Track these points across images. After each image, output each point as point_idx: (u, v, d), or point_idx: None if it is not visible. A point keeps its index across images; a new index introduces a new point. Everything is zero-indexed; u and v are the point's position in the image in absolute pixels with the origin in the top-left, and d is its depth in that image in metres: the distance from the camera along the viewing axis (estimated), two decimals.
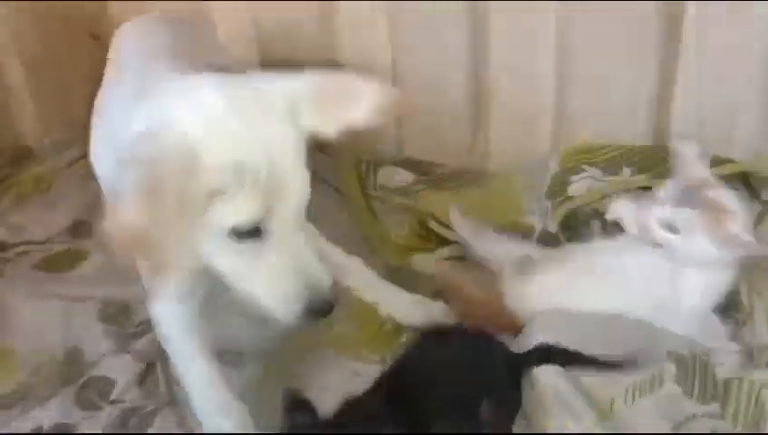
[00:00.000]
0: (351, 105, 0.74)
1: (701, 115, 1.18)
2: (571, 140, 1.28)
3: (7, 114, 1.52)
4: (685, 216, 0.81)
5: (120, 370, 0.95)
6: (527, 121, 1.32)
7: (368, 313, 1.08)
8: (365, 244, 1.27)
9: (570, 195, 1.20)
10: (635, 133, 1.26)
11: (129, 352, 0.98)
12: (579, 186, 1.21)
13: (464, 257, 1.18)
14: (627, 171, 1.22)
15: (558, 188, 1.22)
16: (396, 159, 1.45)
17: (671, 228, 0.82)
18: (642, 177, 1.21)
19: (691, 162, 0.86)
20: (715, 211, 0.80)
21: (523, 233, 1.23)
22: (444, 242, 1.23)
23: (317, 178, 1.39)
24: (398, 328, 1.03)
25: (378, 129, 1.43)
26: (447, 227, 1.25)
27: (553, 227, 1.17)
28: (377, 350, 1.00)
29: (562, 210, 1.18)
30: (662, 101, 1.20)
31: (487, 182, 1.37)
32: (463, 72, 1.32)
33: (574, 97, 1.25)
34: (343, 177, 1.43)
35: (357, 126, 0.75)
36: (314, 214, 1.34)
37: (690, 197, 0.82)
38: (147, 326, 1.04)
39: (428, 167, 1.42)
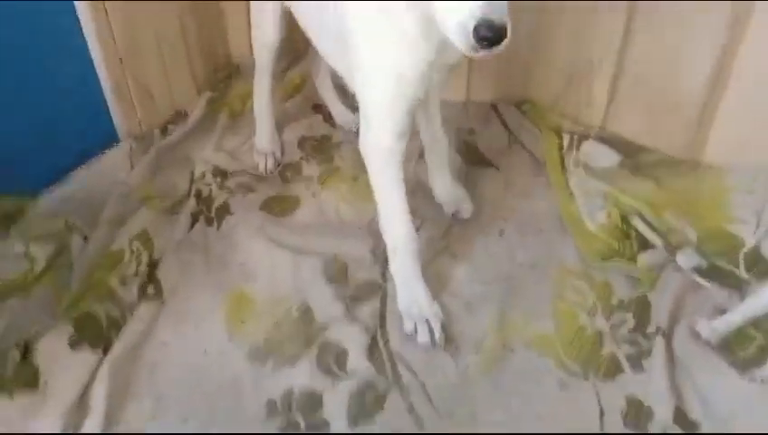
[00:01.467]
0: None
1: None
2: None
3: (222, 31, 1.57)
4: None
5: (349, 339, 1.06)
6: (764, 120, 1.23)
7: (565, 312, 1.13)
8: (560, 222, 1.30)
9: None
10: None
11: (356, 321, 1.09)
12: None
13: (665, 265, 1.19)
14: None
15: None
16: (602, 134, 1.41)
17: None
18: None
19: None
20: None
21: (730, 244, 1.21)
22: (644, 244, 1.22)
23: (516, 141, 1.46)
24: (597, 336, 1.08)
25: (586, 97, 1.43)
26: (652, 227, 1.24)
27: None
28: (578, 358, 1.05)
29: None
30: None
31: (697, 175, 1.32)
32: (707, 53, 1.22)
33: None
34: (545, 146, 1.42)
35: None
36: (506, 173, 1.44)
37: None
38: (366, 290, 1.16)
39: (636, 150, 1.38)
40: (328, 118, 1.52)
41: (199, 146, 1.43)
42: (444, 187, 1.31)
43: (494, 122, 1.48)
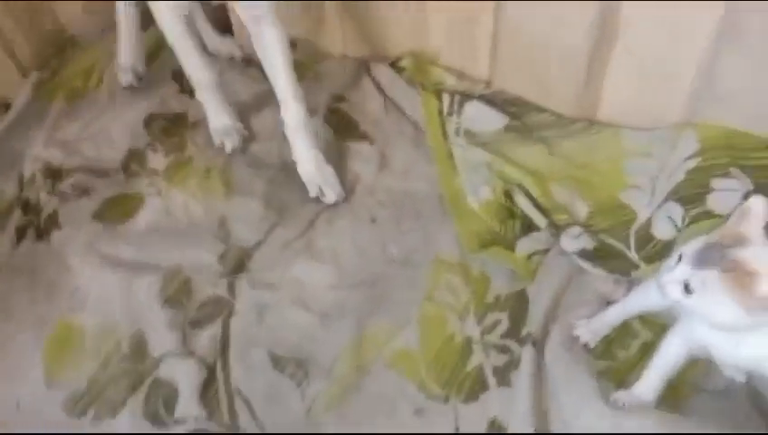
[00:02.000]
0: None
1: None
2: (712, 116, 1.03)
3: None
4: (701, 276, 0.68)
5: (182, 376, 0.93)
6: (659, 78, 1.05)
7: (433, 318, 1.00)
8: (440, 202, 1.15)
9: (709, 210, 0.96)
10: None
11: (193, 353, 0.96)
12: (721, 199, 0.97)
13: (548, 250, 1.05)
14: None
15: (695, 193, 0.99)
16: (486, 93, 1.23)
17: (687, 289, 0.70)
18: None
19: (752, 220, 0.68)
20: (741, 272, 0.66)
21: (622, 219, 1.07)
22: (529, 224, 1.08)
23: (394, 107, 1.28)
24: (466, 345, 0.97)
25: (470, 50, 1.24)
26: (536, 204, 1.10)
27: (681, 243, 0.86)
28: (440, 377, 0.94)
29: (699, 229, 0.94)
30: None
31: (591, 137, 1.16)
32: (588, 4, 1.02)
33: (735, 65, 0.97)
34: (424, 110, 1.24)
35: None
36: (382, 147, 1.27)
37: (712, 256, 0.68)
38: (209, 310, 1.03)
39: (524, 109, 1.20)
40: (186, 87, 1.32)
41: (27, 141, 1.23)
42: (306, 164, 1.16)
43: (367, 84, 1.29)
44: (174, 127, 1.27)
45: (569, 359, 0.91)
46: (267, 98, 1.31)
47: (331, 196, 1.15)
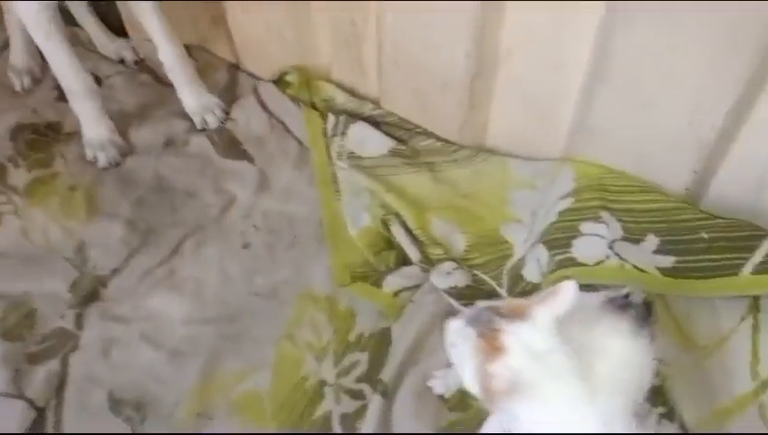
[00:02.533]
0: None
1: None
2: (588, 152, 0.98)
3: None
4: (466, 332, 0.66)
5: (5, 419, 0.87)
6: (541, 109, 1.00)
7: (288, 358, 0.94)
8: (319, 228, 1.09)
9: (573, 256, 0.90)
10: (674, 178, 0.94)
11: (20, 395, 0.89)
12: (587, 247, 0.91)
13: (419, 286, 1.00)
14: (652, 243, 0.91)
15: (562, 237, 0.93)
16: (375, 113, 1.17)
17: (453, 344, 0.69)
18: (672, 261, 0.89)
19: (553, 302, 0.64)
20: (491, 342, 0.63)
21: (499, 254, 1.03)
22: (404, 259, 1.03)
23: (277, 122, 1.22)
24: (318, 389, 0.91)
25: (358, 65, 1.18)
26: (413, 236, 1.04)
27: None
28: (286, 424, 0.88)
29: (560, 278, 0.82)
30: (725, 137, 0.87)
31: (477, 166, 1.11)
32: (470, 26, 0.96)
33: (608, 101, 0.92)
34: (308, 130, 1.18)
35: None
36: (263, 166, 1.20)
37: (483, 317, 0.65)
38: (50, 344, 0.96)
39: (411, 133, 1.14)
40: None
41: None
42: (187, 98, 1.20)
43: (252, 100, 1.22)
44: (42, 139, 1.19)
45: (419, 410, 0.86)
46: (153, 108, 1.25)
47: (213, 121, 1.19)
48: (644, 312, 0.73)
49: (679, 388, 0.84)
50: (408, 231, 1.05)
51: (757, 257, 0.86)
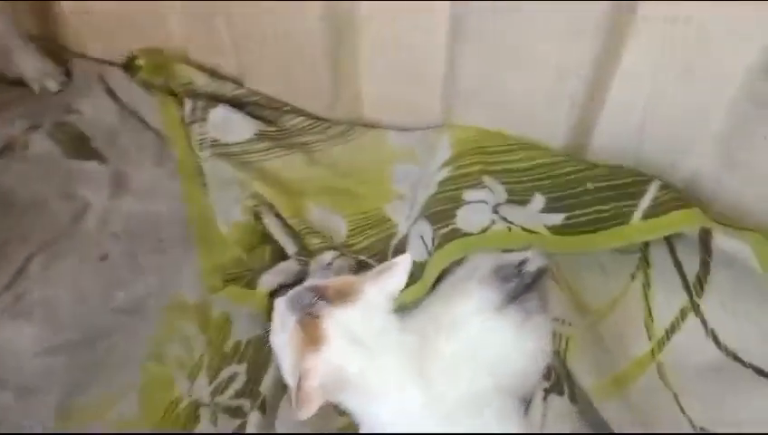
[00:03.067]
0: None
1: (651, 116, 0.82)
2: (465, 117, 0.91)
3: None
4: (283, 321, 0.59)
5: None
6: (412, 75, 0.92)
7: (157, 379, 0.84)
8: (187, 228, 0.98)
9: (458, 227, 0.82)
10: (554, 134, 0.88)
11: None
12: (471, 215, 0.83)
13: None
14: (538, 202, 0.85)
15: (445, 209, 0.85)
16: (236, 93, 1.05)
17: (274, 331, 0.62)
18: (561, 219, 0.82)
19: (385, 280, 0.57)
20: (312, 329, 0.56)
21: (383, 234, 0.95)
22: (281, 253, 0.94)
23: (130, 113, 1.09)
24: (192, 411, 0.81)
25: (216, 40, 1.06)
26: (291, 228, 0.95)
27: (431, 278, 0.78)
28: None
29: (448, 253, 0.78)
30: (596, 88, 0.81)
31: (355, 141, 1.02)
32: None
33: (472, 61, 0.84)
34: (163, 118, 1.05)
35: None
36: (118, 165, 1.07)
37: (303, 301, 0.58)
38: None
39: (279, 112, 1.04)
40: None
41: None
42: (23, 65, 1.13)
43: (99, 90, 1.08)
44: None
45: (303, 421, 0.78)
46: None
47: (53, 86, 1.14)
48: (531, 282, 0.66)
49: (574, 356, 0.80)
50: (283, 221, 0.95)
51: (645, 202, 0.81)
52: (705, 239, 0.77)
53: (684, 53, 0.74)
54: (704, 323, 0.76)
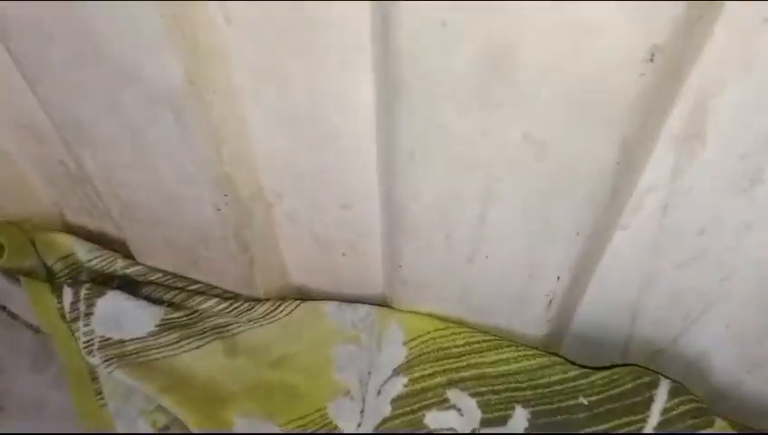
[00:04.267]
0: None
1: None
2: (419, 296, 0.73)
3: None
4: None
5: None
6: (340, 249, 0.73)
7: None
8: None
9: None
10: (527, 326, 0.70)
11: None
12: None
13: None
14: (520, 418, 0.67)
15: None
16: (128, 271, 0.84)
17: None
18: None
19: None
20: None
21: None
22: None
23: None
24: None
25: (90, 211, 0.84)
26: None
27: None
28: None
29: None
30: (575, 282, 0.64)
31: (283, 319, 0.82)
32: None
33: (417, 252, 0.66)
34: (39, 311, 0.83)
35: None
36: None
37: None
38: None
39: (186, 293, 0.84)
40: None
41: None
42: None
43: None
44: None
45: None
46: None
47: None
48: None
49: None
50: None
51: (654, 418, 0.66)
52: None
53: None
54: None
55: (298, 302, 0.82)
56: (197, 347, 0.81)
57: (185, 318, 0.83)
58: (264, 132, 0.60)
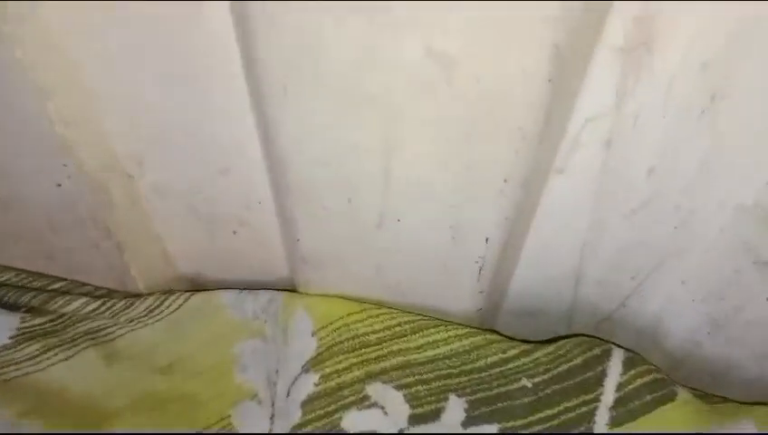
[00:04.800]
0: None
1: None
2: (327, 276, 0.61)
3: None
4: None
5: None
6: (229, 230, 0.61)
7: None
8: None
9: None
10: (456, 302, 0.60)
11: None
12: None
13: None
14: (456, 410, 0.58)
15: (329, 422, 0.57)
16: None
17: None
18: (495, 430, 0.55)
19: None
20: None
21: None
22: None
23: None
24: None
25: None
26: None
27: None
28: None
29: None
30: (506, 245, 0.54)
31: (172, 316, 0.69)
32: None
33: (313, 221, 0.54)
34: None
35: None
36: None
37: None
38: None
39: (46, 294, 0.69)
40: None
41: None
42: None
43: None
44: None
45: None
46: None
47: None
48: None
49: None
50: None
51: (609, 396, 0.57)
52: None
53: None
54: None
55: (188, 294, 0.69)
56: (67, 358, 0.67)
57: (48, 325, 0.68)
58: (104, 78, 0.46)
